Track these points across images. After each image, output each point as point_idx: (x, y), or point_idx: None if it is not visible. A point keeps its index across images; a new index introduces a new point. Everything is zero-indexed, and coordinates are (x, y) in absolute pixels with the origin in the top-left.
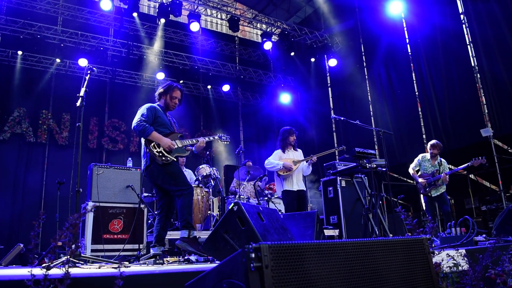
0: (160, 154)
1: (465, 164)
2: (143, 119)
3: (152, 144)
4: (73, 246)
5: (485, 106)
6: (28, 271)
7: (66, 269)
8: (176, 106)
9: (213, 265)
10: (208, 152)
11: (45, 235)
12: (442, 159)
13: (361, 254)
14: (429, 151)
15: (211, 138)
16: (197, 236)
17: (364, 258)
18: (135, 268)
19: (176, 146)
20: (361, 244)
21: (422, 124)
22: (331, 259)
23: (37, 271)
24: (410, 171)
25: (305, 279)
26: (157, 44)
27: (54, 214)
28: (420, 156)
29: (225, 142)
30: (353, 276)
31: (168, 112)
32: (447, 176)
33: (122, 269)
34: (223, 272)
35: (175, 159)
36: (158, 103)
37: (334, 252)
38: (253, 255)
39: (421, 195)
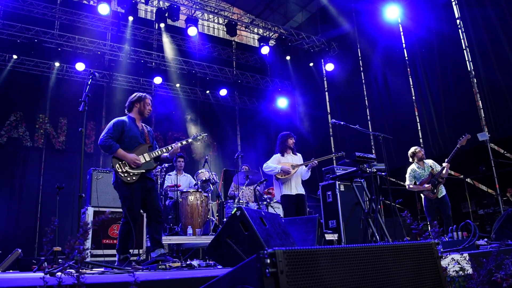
0: (126, 174)
1: (455, 148)
2: (109, 135)
3: (118, 164)
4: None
5: (482, 110)
6: (41, 277)
7: (78, 274)
8: (150, 112)
9: (227, 269)
10: (206, 157)
11: (42, 241)
12: (428, 161)
13: (373, 259)
14: (414, 159)
15: (184, 142)
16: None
17: (375, 263)
18: (148, 274)
19: (143, 161)
20: (372, 249)
21: (419, 128)
22: (344, 264)
23: (37, 276)
24: (411, 186)
25: (319, 284)
26: (154, 49)
27: (50, 219)
28: (409, 169)
29: (200, 143)
30: (365, 280)
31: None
32: (448, 165)
33: (137, 275)
34: (236, 278)
35: (135, 177)
36: (128, 114)
37: (347, 257)
38: (268, 261)
39: (423, 199)
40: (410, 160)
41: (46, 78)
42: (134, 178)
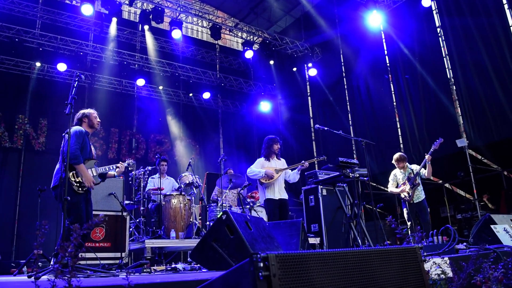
0: (77, 184)
1: (429, 152)
2: (79, 146)
3: (72, 173)
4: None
5: (460, 117)
6: (32, 281)
7: (69, 278)
8: (99, 124)
9: (212, 273)
10: (190, 160)
11: (20, 244)
12: (411, 166)
13: (360, 263)
14: (396, 165)
15: (125, 164)
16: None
17: (362, 266)
18: (139, 277)
19: (91, 175)
20: (360, 253)
21: (399, 134)
22: (333, 267)
23: (25, 280)
24: (390, 189)
25: (309, 287)
26: (138, 50)
27: (29, 222)
28: (392, 174)
29: (131, 168)
30: (353, 283)
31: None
32: (430, 157)
33: (130, 278)
34: (229, 281)
35: (84, 190)
36: (82, 127)
37: (336, 261)
38: (261, 264)
39: (402, 204)
40: (394, 163)
41: (27, 78)
42: (84, 189)
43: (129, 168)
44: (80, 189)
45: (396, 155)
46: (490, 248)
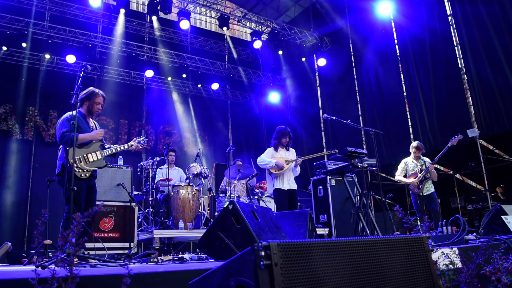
0: (80, 170)
1: (445, 147)
2: (67, 130)
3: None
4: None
5: (472, 107)
6: (33, 270)
7: (71, 267)
8: (99, 111)
9: (219, 262)
10: (198, 151)
11: (31, 234)
12: (425, 158)
13: (366, 252)
14: (412, 153)
15: (136, 141)
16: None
17: (368, 256)
18: (142, 266)
19: (95, 159)
20: (365, 242)
21: (409, 124)
22: (337, 257)
23: (28, 269)
24: (398, 178)
25: (312, 277)
26: (146, 42)
27: (40, 212)
28: (402, 162)
29: (141, 147)
30: (358, 273)
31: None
32: (434, 166)
33: (130, 267)
34: (230, 270)
35: (88, 174)
36: (79, 110)
37: (340, 250)
38: (262, 253)
39: (411, 196)
40: (412, 151)
41: (36, 70)
42: (87, 174)
43: (140, 147)
44: (83, 174)
45: (415, 143)
46: (500, 239)
